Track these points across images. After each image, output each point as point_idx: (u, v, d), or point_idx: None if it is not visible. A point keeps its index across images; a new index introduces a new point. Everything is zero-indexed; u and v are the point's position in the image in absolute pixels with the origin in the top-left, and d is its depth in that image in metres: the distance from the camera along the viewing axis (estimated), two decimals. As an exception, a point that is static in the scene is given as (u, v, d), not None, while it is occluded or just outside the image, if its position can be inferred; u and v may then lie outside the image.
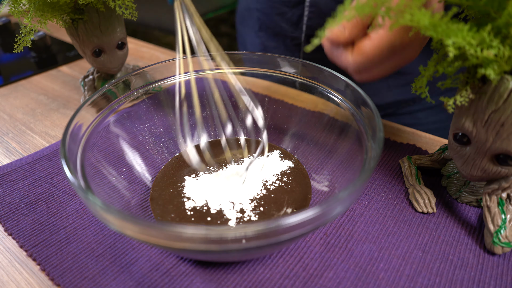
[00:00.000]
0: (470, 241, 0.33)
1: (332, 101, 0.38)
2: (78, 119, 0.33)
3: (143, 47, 0.76)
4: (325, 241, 0.34)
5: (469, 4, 0.28)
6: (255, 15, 0.67)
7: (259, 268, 0.31)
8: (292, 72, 0.42)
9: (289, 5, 0.60)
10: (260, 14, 0.66)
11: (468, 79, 0.29)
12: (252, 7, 0.67)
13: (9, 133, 0.51)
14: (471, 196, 0.37)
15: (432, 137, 0.46)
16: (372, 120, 0.32)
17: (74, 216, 0.36)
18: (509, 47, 0.25)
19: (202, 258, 0.32)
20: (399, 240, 0.34)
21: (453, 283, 0.30)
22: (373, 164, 0.27)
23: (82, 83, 0.54)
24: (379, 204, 0.37)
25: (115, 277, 0.31)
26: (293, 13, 0.61)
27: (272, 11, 0.63)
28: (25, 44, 0.44)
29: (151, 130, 0.43)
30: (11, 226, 0.36)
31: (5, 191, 0.39)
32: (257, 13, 0.67)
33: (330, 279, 0.31)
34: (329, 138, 0.41)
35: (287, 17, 0.62)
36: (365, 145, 0.33)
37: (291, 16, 0.61)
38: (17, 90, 0.61)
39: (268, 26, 0.66)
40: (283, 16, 0.62)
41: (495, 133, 0.28)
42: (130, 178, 0.38)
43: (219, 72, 0.43)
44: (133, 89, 0.40)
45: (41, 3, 0.43)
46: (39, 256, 0.33)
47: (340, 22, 0.25)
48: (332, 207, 0.25)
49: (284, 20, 0.62)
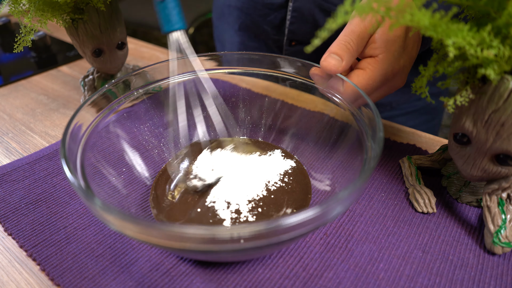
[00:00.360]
0: (470, 241, 0.33)
1: (332, 101, 0.38)
2: (78, 119, 0.33)
3: (143, 47, 0.76)
4: (325, 241, 0.34)
5: (469, 4, 0.28)
6: (235, 13, 0.66)
7: (259, 268, 0.31)
8: (292, 72, 0.42)
9: (272, 7, 0.60)
10: (241, 13, 0.65)
11: (468, 79, 0.29)
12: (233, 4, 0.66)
13: (9, 133, 0.51)
14: (471, 196, 0.37)
15: (432, 137, 0.46)
16: (372, 120, 0.32)
17: (74, 216, 0.36)
18: (509, 47, 0.25)
19: (202, 258, 0.32)
20: (399, 240, 0.34)
21: (453, 283, 0.30)
22: (373, 164, 0.27)
23: (82, 83, 0.54)
24: (379, 204, 0.37)
25: (115, 277, 0.31)
26: (275, 16, 0.60)
27: (254, 12, 0.63)
28: (25, 44, 0.44)
29: (151, 130, 0.43)
30: (11, 226, 0.36)
31: (5, 191, 0.39)
32: (237, 12, 0.66)
33: (330, 279, 0.31)
34: (329, 138, 0.41)
35: (269, 20, 0.61)
36: (365, 145, 0.33)
37: (273, 19, 0.60)
38: (17, 90, 0.61)
39: (248, 26, 0.65)
40: (265, 18, 0.62)
41: (495, 133, 0.28)
42: (130, 178, 0.38)
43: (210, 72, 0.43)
44: (133, 89, 0.40)
45: (41, 3, 0.43)
46: (39, 256, 0.33)
47: (341, 22, 0.25)
48: (332, 207, 0.25)
49: (266, 22, 0.62)
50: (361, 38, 0.35)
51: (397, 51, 0.36)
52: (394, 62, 0.36)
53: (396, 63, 0.36)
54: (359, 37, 0.35)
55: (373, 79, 0.36)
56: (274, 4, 0.59)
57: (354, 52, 0.35)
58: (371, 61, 0.36)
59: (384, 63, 0.36)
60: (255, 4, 0.62)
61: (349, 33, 0.35)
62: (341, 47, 0.35)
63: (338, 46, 0.35)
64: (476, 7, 0.27)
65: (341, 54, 0.35)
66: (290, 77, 0.42)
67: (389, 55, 0.36)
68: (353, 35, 0.35)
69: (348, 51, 0.35)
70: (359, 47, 0.35)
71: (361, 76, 0.36)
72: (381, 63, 0.36)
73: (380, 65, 0.36)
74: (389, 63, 0.36)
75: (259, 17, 0.62)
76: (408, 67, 0.38)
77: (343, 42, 0.35)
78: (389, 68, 0.36)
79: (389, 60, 0.36)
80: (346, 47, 0.35)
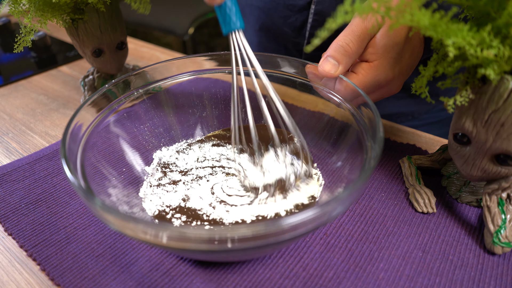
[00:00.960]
0: (470, 241, 0.33)
1: (332, 101, 0.38)
2: (78, 119, 0.33)
3: (143, 47, 0.76)
4: (325, 241, 0.34)
5: (469, 4, 0.28)
6: (257, 13, 0.65)
7: (259, 268, 0.31)
8: (292, 72, 0.41)
9: (293, 9, 0.58)
10: (262, 14, 0.64)
11: (468, 79, 0.29)
12: (254, 4, 0.64)
13: (9, 133, 0.51)
14: (471, 196, 0.37)
15: (432, 137, 0.46)
16: (372, 120, 0.32)
17: (74, 216, 0.36)
18: (509, 47, 0.25)
19: (202, 258, 0.32)
20: (399, 240, 0.34)
21: (453, 283, 0.30)
22: (373, 164, 0.27)
23: (82, 83, 0.54)
24: (379, 204, 0.37)
25: (115, 277, 0.31)
26: (296, 18, 0.58)
27: (275, 13, 0.61)
28: (25, 44, 0.44)
29: (151, 130, 0.43)
30: (11, 226, 0.36)
31: (5, 191, 0.39)
32: (258, 12, 0.64)
33: (330, 279, 0.31)
34: (329, 138, 0.41)
35: (290, 21, 0.59)
36: (365, 145, 0.33)
37: (294, 21, 0.59)
38: (17, 90, 0.61)
39: (269, 27, 0.64)
40: (286, 19, 0.60)
41: (495, 133, 0.28)
42: (130, 178, 0.38)
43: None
44: (133, 89, 0.40)
45: (41, 3, 0.43)
46: (39, 256, 0.33)
47: (341, 21, 0.25)
48: (332, 207, 0.25)
49: (287, 24, 0.60)
50: (361, 39, 0.35)
51: (394, 58, 0.36)
52: (388, 70, 0.36)
53: (390, 70, 0.36)
54: (360, 38, 0.35)
55: (363, 85, 0.36)
56: (296, 5, 0.57)
57: (353, 53, 0.35)
58: (365, 66, 0.36)
59: (377, 69, 0.36)
60: (277, 5, 0.60)
61: (349, 33, 0.35)
62: (339, 49, 0.34)
63: (336, 49, 0.35)
64: (476, 7, 0.27)
65: (338, 57, 0.35)
66: (290, 77, 0.42)
67: (385, 62, 0.36)
68: (353, 36, 0.35)
69: (346, 53, 0.34)
70: (359, 48, 0.35)
71: (352, 80, 0.36)
72: (375, 69, 0.36)
73: (373, 71, 0.36)
74: (383, 70, 0.36)
75: (280, 18, 0.60)
76: (404, 74, 0.38)
77: (341, 44, 0.35)
78: (382, 75, 0.36)
79: (383, 67, 0.36)
80: (344, 50, 0.34)
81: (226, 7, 0.33)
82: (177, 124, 0.44)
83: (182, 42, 1.51)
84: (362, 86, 0.36)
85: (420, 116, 0.63)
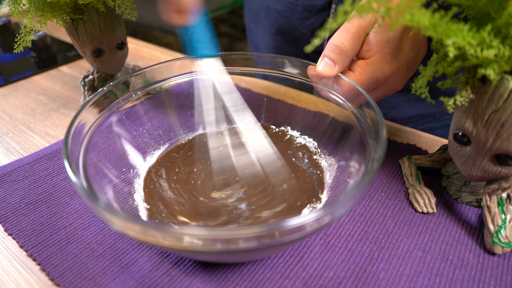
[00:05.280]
0: (470, 241, 0.34)
1: (334, 101, 0.38)
2: (80, 119, 0.33)
3: (143, 47, 0.76)
4: (325, 241, 0.34)
5: (469, 4, 0.28)
6: (273, 16, 0.62)
7: (259, 268, 0.31)
8: (293, 72, 0.41)
9: (312, 10, 0.56)
10: (279, 17, 0.61)
11: (468, 79, 0.29)
12: (271, 7, 0.62)
13: (9, 133, 0.51)
14: (471, 196, 0.37)
15: (432, 137, 0.46)
16: (375, 121, 0.32)
17: (74, 216, 0.36)
18: (509, 47, 0.25)
19: (202, 258, 0.32)
20: (399, 240, 0.34)
21: (453, 283, 0.30)
22: (376, 166, 0.27)
23: (82, 83, 0.54)
24: (379, 204, 0.37)
25: (115, 277, 0.31)
26: (316, 19, 0.56)
27: (292, 15, 0.59)
28: (25, 44, 0.44)
29: (152, 130, 0.43)
30: (11, 226, 0.36)
31: (5, 191, 0.39)
32: (275, 15, 0.62)
33: (330, 279, 0.31)
34: (331, 139, 0.41)
35: (308, 23, 0.57)
36: (367, 146, 0.33)
37: (313, 22, 0.57)
38: (17, 90, 0.61)
39: (286, 30, 0.61)
40: (304, 21, 0.58)
41: (495, 133, 0.28)
42: (131, 178, 0.38)
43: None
44: (134, 90, 0.40)
45: (41, 3, 0.43)
46: (39, 256, 0.33)
47: (341, 21, 0.25)
48: (335, 209, 0.25)
49: (305, 26, 0.58)
50: (356, 37, 0.35)
51: (390, 53, 0.36)
52: (385, 65, 0.36)
53: (387, 66, 0.36)
54: (354, 36, 0.34)
55: (361, 82, 0.36)
56: (315, 6, 0.55)
57: (349, 52, 0.35)
58: (361, 63, 0.36)
59: (373, 66, 0.36)
60: (295, 7, 0.58)
61: (343, 31, 0.35)
62: (334, 49, 0.34)
63: (331, 49, 0.35)
64: (476, 7, 0.27)
65: (334, 57, 0.34)
66: (290, 77, 0.42)
67: (380, 57, 0.36)
68: (348, 34, 0.34)
69: (341, 52, 0.34)
70: (354, 45, 0.35)
71: (349, 78, 0.36)
72: (371, 66, 0.36)
73: (369, 68, 0.36)
74: (379, 66, 0.36)
75: (298, 20, 0.58)
76: (405, 69, 0.38)
77: (335, 43, 0.34)
78: (379, 71, 0.36)
79: (379, 63, 0.36)
80: (339, 49, 0.34)
81: (192, 32, 0.32)
82: (177, 124, 0.44)
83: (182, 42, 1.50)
84: (360, 83, 0.36)
85: (440, 118, 0.62)
